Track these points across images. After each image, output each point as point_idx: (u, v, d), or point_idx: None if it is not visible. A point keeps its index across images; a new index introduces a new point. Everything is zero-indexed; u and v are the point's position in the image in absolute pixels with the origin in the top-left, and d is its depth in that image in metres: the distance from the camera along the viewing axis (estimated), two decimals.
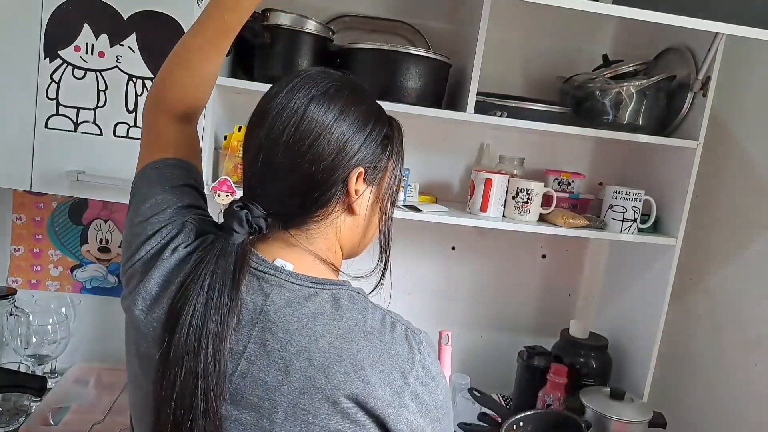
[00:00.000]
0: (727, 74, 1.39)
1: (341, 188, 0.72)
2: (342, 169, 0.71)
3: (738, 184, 1.54)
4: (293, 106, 0.70)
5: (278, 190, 0.71)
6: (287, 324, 0.67)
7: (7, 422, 1.31)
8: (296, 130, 0.69)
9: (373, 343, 0.68)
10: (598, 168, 1.76)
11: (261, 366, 0.66)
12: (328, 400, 0.65)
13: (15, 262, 1.60)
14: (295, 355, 0.66)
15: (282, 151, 0.69)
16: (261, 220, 0.70)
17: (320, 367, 0.66)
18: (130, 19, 1.20)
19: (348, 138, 0.71)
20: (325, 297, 0.70)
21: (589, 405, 1.42)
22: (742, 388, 1.46)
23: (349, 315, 0.69)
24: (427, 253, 1.75)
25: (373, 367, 0.67)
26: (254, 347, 0.66)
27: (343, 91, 0.73)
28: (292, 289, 0.69)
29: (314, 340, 0.66)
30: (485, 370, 1.71)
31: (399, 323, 0.73)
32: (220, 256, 0.68)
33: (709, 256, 1.61)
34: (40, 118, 1.21)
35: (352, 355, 0.67)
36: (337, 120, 0.70)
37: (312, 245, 0.74)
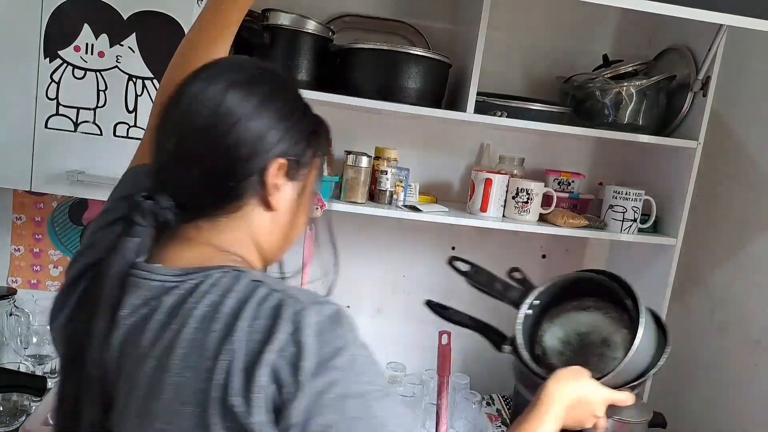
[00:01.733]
0: (727, 74, 1.39)
1: (258, 180, 0.67)
2: (259, 159, 0.66)
3: (738, 184, 1.54)
4: (211, 92, 0.65)
5: (189, 179, 0.66)
6: (144, 323, 0.63)
7: (7, 422, 1.31)
8: (212, 116, 0.65)
9: (227, 323, 0.59)
10: (598, 168, 1.76)
11: (123, 370, 0.64)
12: (177, 400, 0.60)
13: (15, 262, 1.60)
14: (144, 355, 0.62)
15: (196, 138, 0.65)
16: (168, 213, 0.65)
17: (166, 365, 0.60)
18: (130, 19, 1.20)
19: (267, 128, 0.66)
20: (187, 287, 0.63)
21: None
22: (743, 388, 1.46)
23: (206, 300, 0.61)
24: (427, 253, 1.75)
25: (225, 351, 0.58)
26: (116, 352, 0.64)
27: (267, 80, 0.70)
28: (149, 286, 0.64)
29: (161, 336, 0.62)
30: (485, 370, 1.71)
31: (277, 294, 0.61)
32: (117, 253, 0.64)
33: (709, 256, 1.61)
34: (40, 118, 1.21)
35: (200, 346, 0.59)
36: (256, 109, 0.66)
37: (216, 239, 0.68)
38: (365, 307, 1.74)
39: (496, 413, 1.68)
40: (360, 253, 1.71)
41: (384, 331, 1.76)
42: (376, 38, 1.55)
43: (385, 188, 1.43)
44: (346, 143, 1.57)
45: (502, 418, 1.66)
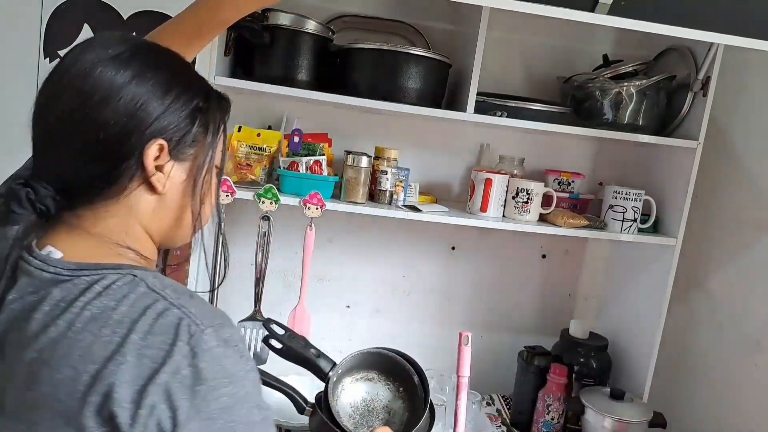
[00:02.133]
0: (727, 74, 1.39)
1: (136, 162, 0.63)
2: (135, 139, 0.62)
3: (738, 184, 1.54)
4: (80, 67, 0.61)
5: (61, 162, 0.63)
6: (26, 312, 0.60)
7: None
8: (78, 93, 0.61)
9: (117, 333, 0.57)
10: (598, 168, 1.76)
11: (6, 368, 0.60)
12: (50, 397, 0.57)
13: None
14: (25, 346, 0.59)
15: (61, 116, 0.62)
16: (48, 199, 0.61)
17: (47, 360, 0.58)
18: (130, 19, 1.21)
19: (141, 104, 0.62)
20: (79, 284, 0.60)
21: (589, 405, 1.43)
22: (743, 388, 1.46)
23: (97, 302, 0.59)
24: (427, 253, 1.75)
25: (112, 360, 0.56)
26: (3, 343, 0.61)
27: (143, 54, 0.65)
28: (41, 277, 0.61)
29: (45, 329, 0.59)
30: (485, 370, 1.70)
31: (176, 311, 0.59)
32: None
33: (709, 256, 1.61)
34: None
35: (85, 347, 0.57)
36: (128, 84, 0.61)
37: (98, 226, 0.65)
38: (365, 307, 1.74)
39: (496, 413, 1.68)
40: (360, 253, 1.71)
41: (383, 331, 1.76)
42: (376, 38, 1.55)
43: (385, 188, 1.43)
44: (346, 143, 1.58)
45: (502, 418, 1.66)
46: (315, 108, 1.50)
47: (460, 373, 1.21)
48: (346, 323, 1.74)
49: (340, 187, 1.43)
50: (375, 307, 1.74)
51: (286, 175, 1.38)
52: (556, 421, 1.53)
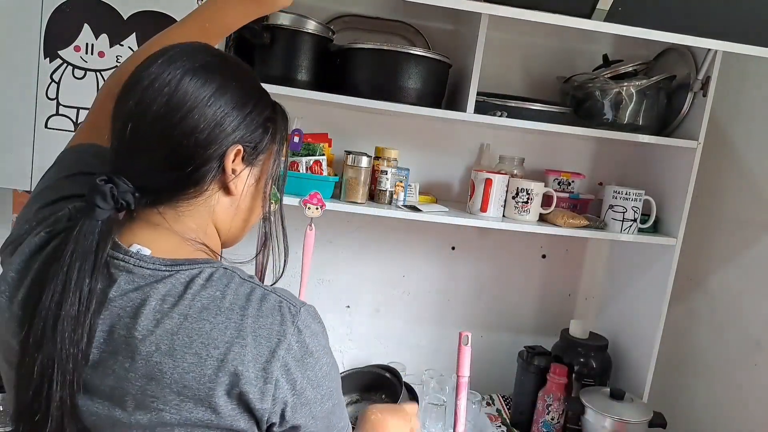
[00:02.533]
0: (727, 74, 1.39)
1: (217, 165, 0.69)
2: (218, 145, 0.68)
3: (738, 184, 1.54)
4: (167, 77, 0.66)
5: (147, 163, 0.67)
6: (134, 309, 0.63)
7: (8, 422, 1.31)
8: (169, 101, 0.65)
9: (232, 319, 0.64)
10: (598, 168, 1.76)
11: (109, 354, 0.63)
12: (177, 384, 0.61)
13: None
14: (141, 341, 0.62)
15: (152, 122, 0.65)
16: (128, 195, 0.65)
17: (167, 351, 0.62)
18: (130, 19, 1.21)
19: (225, 113, 0.67)
20: (180, 278, 0.65)
21: (589, 405, 1.43)
22: (742, 388, 1.46)
23: (204, 293, 0.65)
24: (427, 253, 1.75)
25: (232, 344, 0.63)
26: (102, 335, 0.64)
27: (224, 67, 0.70)
28: (142, 274, 0.65)
29: (162, 323, 0.63)
30: (485, 370, 1.71)
31: (272, 295, 0.67)
32: (80, 234, 0.63)
33: (709, 256, 1.61)
34: (40, 118, 1.21)
35: (205, 334, 0.62)
36: (214, 94, 0.67)
37: (179, 224, 0.70)
38: (365, 307, 1.74)
39: (496, 413, 1.68)
40: (360, 253, 1.71)
41: (383, 331, 1.76)
42: (376, 38, 1.55)
43: (385, 188, 1.43)
44: (346, 143, 1.58)
45: (502, 418, 1.66)
46: (315, 108, 1.50)
47: (460, 373, 1.21)
48: (346, 323, 1.74)
49: (340, 187, 1.43)
50: (375, 307, 1.74)
51: (287, 175, 1.38)
52: (556, 421, 1.53)
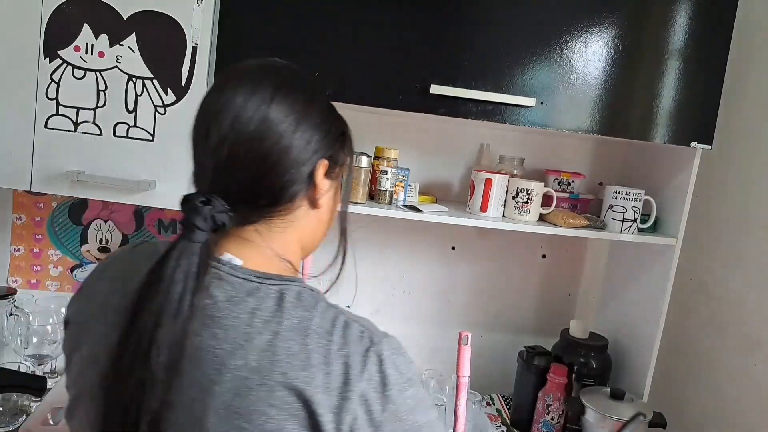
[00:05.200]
0: (728, 73, 1.39)
1: (307, 182, 0.71)
2: (309, 163, 0.70)
3: (738, 184, 1.54)
4: (261, 96, 0.67)
5: (244, 184, 0.68)
6: (223, 320, 0.63)
7: (7, 422, 1.31)
8: (263, 121, 0.67)
9: (319, 343, 0.64)
10: (598, 168, 1.76)
11: (195, 365, 0.62)
12: (263, 403, 0.60)
13: (15, 262, 1.60)
14: (230, 354, 0.62)
15: (250, 146, 0.67)
16: (225, 216, 0.66)
17: (256, 367, 0.61)
18: (130, 19, 1.20)
19: (313, 132, 0.70)
20: (270, 293, 0.66)
21: (589, 405, 1.42)
22: (743, 388, 1.46)
23: (294, 312, 0.65)
24: (427, 253, 1.75)
25: (317, 368, 0.62)
26: (190, 344, 0.62)
27: (306, 86, 0.73)
28: (233, 283, 0.66)
29: (251, 337, 0.62)
30: (485, 370, 1.71)
31: (356, 324, 0.67)
32: (183, 255, 0.63)
33: (709, 256, 1.61)
34: (40, 118, 1.21)
35: (293, 355, 0.62)
36: (303, 114, 0.69)
37: (271, 240, 0.71)
38: (365, 307, 1.74)
39: (496, 413, 1.68)
40: (359, 253, 1.71)
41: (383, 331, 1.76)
42: None
43: (385, 188, 1.43)
44: None
45: (502, 418, 1.66)
46: None
47: (460, 373, 1.21)
48: None
49: None
50: (375, 307, 1.74)
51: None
52: (556, 421, 1.53)
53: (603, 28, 1.33)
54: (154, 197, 1.26)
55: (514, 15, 1.31)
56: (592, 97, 1.35)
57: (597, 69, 1.34)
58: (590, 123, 1.36)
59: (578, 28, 1.32)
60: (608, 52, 1.34)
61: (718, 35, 1.37)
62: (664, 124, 1.39)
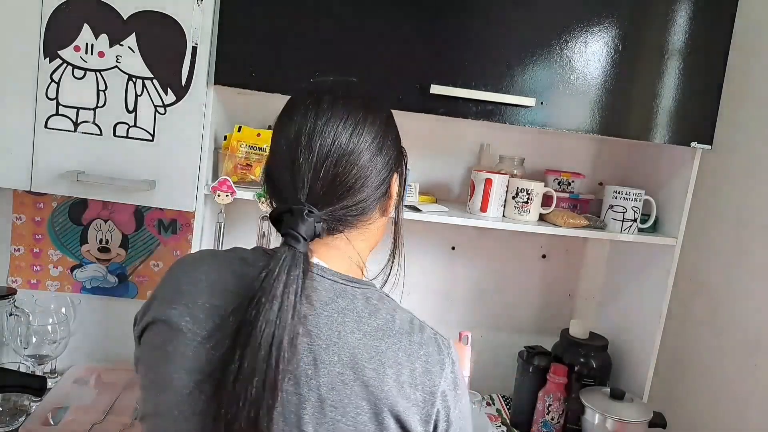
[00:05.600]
0: (728, 74, 1.39)
1: (385, 194, 0.79)
2: (389, 178, 0.78)
3: (738, 184, 1.54)
4: (354, 118, 0.74)
5: (339, 198, 0.73)
6: (317, 318, 0.68)
7: (7, 422, 1.31)
8: (358, 142, 0.73)
9: (403, 342, 0.70)
10: (598, 168, 1.76)
11: (290, 360, 0.66)
12: (357, 397, 0.66)
13: (15, 262, 1.60)
14: (324, 350, 0.67)
15: (348, 163, 0.72)
16: (320, 226, 0.72)
17: (349, 363, 0.67)
18: (129, 19, 1.20)
19: (391, 149, 0.78)
20: (356, 294, 0.72)
21: (589, 405, 1.43)
22: (743, 388, 1.46)
23: (379, 314, 0.71)
24: (427, 253, 1.75)
25: (404, 366, 0.69)
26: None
27: (382, 105, 0.80)
28: (323, 284, 0.71)
29: (344, 335, 0.68)
30: (485, 370, 1.71)
31: (427, 327, 0.75)
32: (293, 265, 0.67)
33: (709, 256, 1.61)
34: (40, 118, 1.21)
35: (382, 353, 0.68)
36: (385, 134, 0.77)
37: (354, 248, 0.78)
38: None
39: (496, 413, 1.68)
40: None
41: None
42: None
43: None
44: None
45: (502, 418, 1.66)
46: None
47: None
48: None
49: None
50: None
51: None
52: (556, 421, 1.53)
53: (603, 28, 1.33)
54: (154, 197, 1.26)
55: (514, 15, 1.31)
56: (592, 97, 1.35)
57: (597, 69, 1.34)
58: (590, 123, 1.36)
59: (578, 28, 1.32)
60: (608, 52, 1.34)
61: (718, 35, 1.37)
62: (664, 124, 1.39)
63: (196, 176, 1.27)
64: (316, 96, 0.76)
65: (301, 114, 0.75)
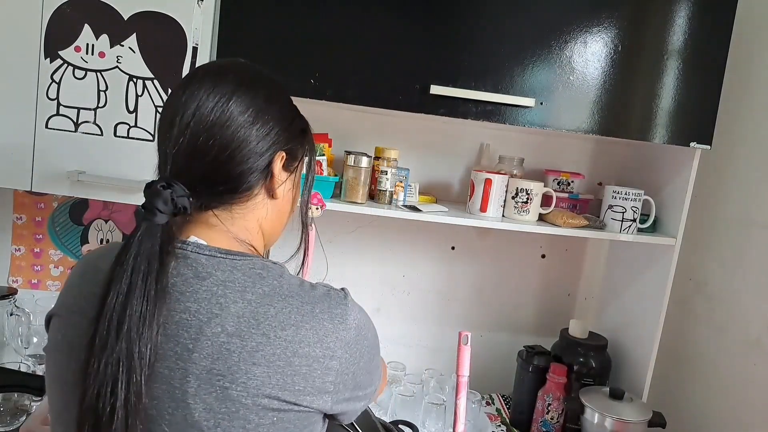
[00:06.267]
0: (728, 73, 1.39)
1: (265, 172, 0.75)
2: (268, 153, 0.74)
3: (738, 184, 1.55)
4: (222, 90, 0.72)
5: (204, 171, 0.71)
6: (195, 294, 0.67)
7: (8, 422, 1.31)
8: (224, 113, 0.71)
9: (293, 304, 0.69)
10: (598, 168, 1.76)
11: (169, 337, 0.65)
12: (246, 363, 0.64)
13: (15, 262, 1.60)
14: (206, 323, 0.65)
15: (211, 134, 0.70)
16: (185, 200, 0.69)
17: (235, 332, 0.65)
18: (130, 20, 1.21)
19: (273, 125, 0.74)
20: (236, 266, 0.70)
21: (589, 405, 1.43)
22: (742, 388, 1.46)
23: (263, 282, 0.69)
24: (427, 253, 1.75)
25: (298, 326, 0.67)
26: (162, 321, 0.65)
27: (267, 80, 0.78)
28: (199, 260, 0.69)
29: (225, 306, 0.66)
30: (485, 370, 1.71)
31: (319, 285, 0.74)
32: (144, 237, 0.66)
33: (709, 256, 1.61)
34: (41, 118, 1.21)
35: (271, 317, 0.67)
36: (262, 109, 0.73)
37: (233, 226, 0.75)
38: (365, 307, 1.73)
39: (496, 413, 1.68)
40: (360, 253, 1.71)
41: (384, 331, 1.75)
42: None
43: (385, 188, 1.43)
44: (346, 143, 1.58)
45: (502, 418, 1.66)
46: (315, 108, 1.50)
47: (460, 373, 1.21)
48: None
49: (340, 187, 1.43)
50: (375, 307, 1.75)
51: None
52: (556, 421, 1.53)
53: (603, 28, 1.33)
54: None
55: (514, 15, 1.31)
56: (591, 97, 1.35)
57: (597, 69, 1.34)
58: (590, 123, 1.36)
59: (578, 28, 1.32)
60: (608, 52, 1.34)
61: (718, 35, 1.38)
62: (664, 124, 1.39)
63: None
64: (193, 72, 0.76)
65: (174, 90, 0.74)
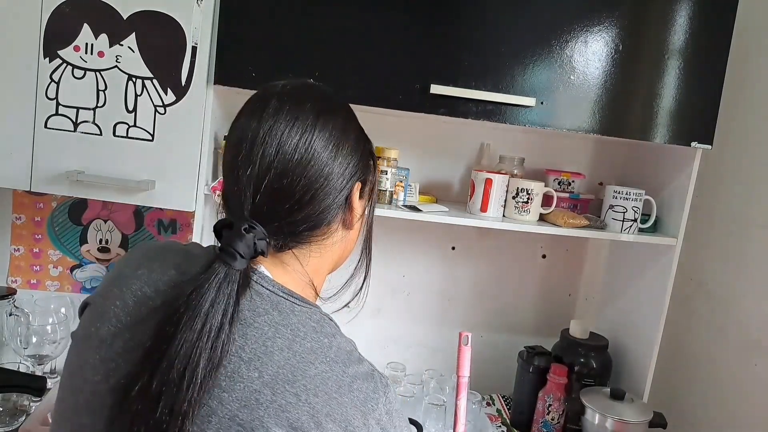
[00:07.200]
0: (728, 73, 1.39)
1: (344, 205, 0.73)
2: (347, 186, 0.72)
3: (738, 184, 1.54)
4: (303, 124, 0.68)
5: (286, 212, 0.68)
6: (245, 328, 0.62)
7: (7, 422, 1.31)
8: (307, 151, 0.67)
9: (335, 371, 0.64)
10: (598, 168, 1.76)
11: (205, 389, 0.59)
12: (270, 419, 0.59)
13: (15, 262, 1.60)
14: (246, 363, 0.60)
15: (295, 174, 0.67)
16: (264, 243, 0.66)
17: (270, 382, 0.60)
18: (129, 19, 1.20)
19: (350, 156, 0.71)
20: (295, 310, 0.66)
21: (589, 405, 1.42)
22: (742, 388, 1.46)
23: (315, 336, 0.65)
24: (427, 253, 1.75)
25: (330, 396, 0.62)
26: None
27: (339, 105, 0.74)
28: (261, 293, 0.66)
29: (270, 352, 0.62)
30: (485, 370, 1.71)
31: (366, 361, 0.69)
32: (223, 282, 0.62)
33: (709, 256, 1.61)
34: (40, 118, 1.21)
35: (309, 378, 0.62)
36: (341, 140, 0.70)
37: (307, 265, 0.73)
38: (365, 307, 1.73)
39: (496, 413, 1.68)
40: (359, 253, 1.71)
41: (384, 331, 1.76)
42: None
43: (385, 188, 1.43)
44: None
45: (502, 418, 1.66)
46: None
47: (460, 373, 1.21)
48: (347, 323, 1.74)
49: None
50: (375, 306, 1.74)
51: None
52: (556, 421, 1.53)
53: (603, 28, 1.33)
54: (153, 197, 1.26)
55: (514, 15, 1.31)
56: (592, 97, 1.35)
57: (597, 69, 1.34)
58: (590, 123, 1.36)
59: (578, 28, 1.32)
60: (608, 52, 1.34)
61: (718, 35, 1.37)
62: (664, 124, 1.39)
63: (196, 176, 1.27)
64: (263, 100, 0.70)
65: (245, 120, 0.69)
